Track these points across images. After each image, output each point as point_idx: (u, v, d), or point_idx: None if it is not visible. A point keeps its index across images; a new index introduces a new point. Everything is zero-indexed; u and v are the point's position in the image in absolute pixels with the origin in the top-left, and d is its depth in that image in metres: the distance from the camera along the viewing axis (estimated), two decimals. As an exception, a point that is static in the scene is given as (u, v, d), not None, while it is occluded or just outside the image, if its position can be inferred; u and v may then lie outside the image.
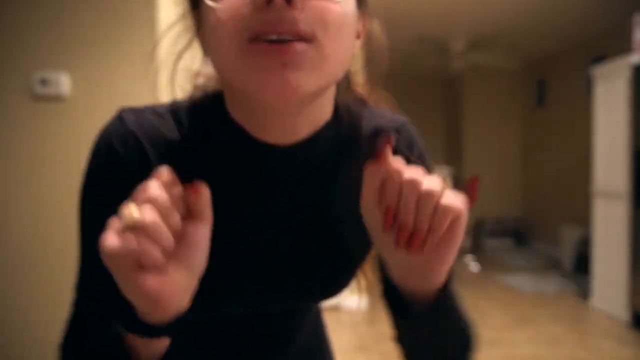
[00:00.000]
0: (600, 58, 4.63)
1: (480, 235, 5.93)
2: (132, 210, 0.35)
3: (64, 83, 1.84)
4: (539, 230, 5.82)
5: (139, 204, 0.35)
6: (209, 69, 0.54)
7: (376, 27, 0.57)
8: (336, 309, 3.39)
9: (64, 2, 1.85)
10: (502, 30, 4.58)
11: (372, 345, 2.89)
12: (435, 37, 4.77)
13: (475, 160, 6.21)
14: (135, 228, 0.34)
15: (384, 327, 3.36)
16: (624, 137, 3.18)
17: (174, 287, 0.37)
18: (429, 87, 6.92)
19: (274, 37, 0.38)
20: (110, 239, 0.35)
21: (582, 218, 4.69)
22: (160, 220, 0.35)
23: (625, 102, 3.18)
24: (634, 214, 3.10)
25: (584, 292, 3.88)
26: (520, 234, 6.03)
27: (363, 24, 0.52)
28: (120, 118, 0.51)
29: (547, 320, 3.30)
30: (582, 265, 4.41)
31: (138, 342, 0.41)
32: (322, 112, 0.49)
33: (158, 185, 0.36)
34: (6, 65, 1.84)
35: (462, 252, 5.78)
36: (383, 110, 0.58)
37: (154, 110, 0.53)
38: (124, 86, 1.88)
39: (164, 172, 0.37)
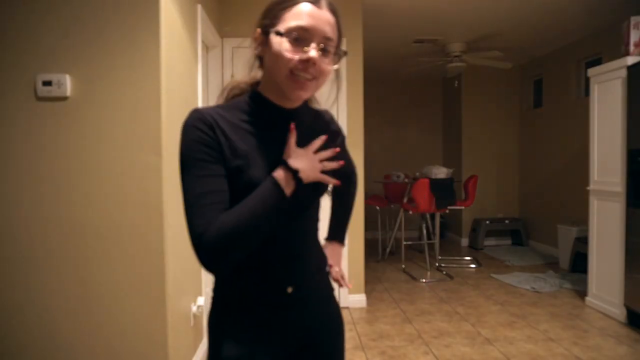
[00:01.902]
0: (596, 59, 4.68)
1: (477, 234, 5.96)
2: None
3: (66, 84, 1.86)
4: (536, 230, 5.86)
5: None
6: (240, 77, 1.03)
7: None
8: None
9: (66, 7, 1.86)
10: (499, 31, 4.61)
11: (372, 345, 2.91)
12: (433, 39, 4.80)
13: (473, 160, 6.24)
14: None
15: (384, 327, 3.42)
16: (620, 137, 3.22)
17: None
18: (427, 87, 6.94)
19: (303, 75, 0.88)
20: None
21: (579, 217, 4.72)
22: None
23: (620, 102, 3.22)
24: (628, 213, 3.13)
25: (580, 291, 3.91)
26: (517, 234, 6.06)
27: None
28: (195, 110, 0.90)
29: (544, 319, 3.33)
30: (578, 264, 4.45)
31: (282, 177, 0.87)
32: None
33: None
34: (11, 67, 1.86)
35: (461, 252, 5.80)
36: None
37: (216, 105, 0.96)
38: (124, 87, 1.90)
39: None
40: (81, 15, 1.87)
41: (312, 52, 0.85)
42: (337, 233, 1.25)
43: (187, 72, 2.41)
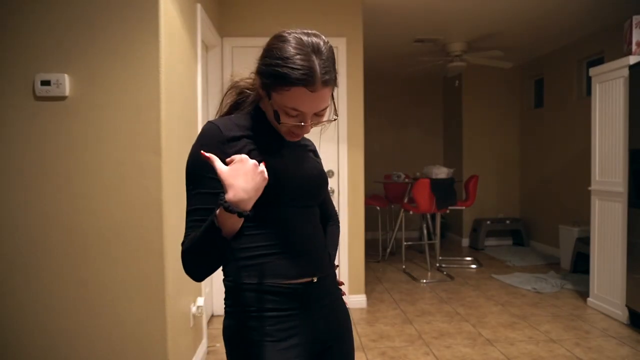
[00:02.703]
0: (597, 58, 4.66)
1: (478, 234, 5.95)
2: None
3: (65, 84, 1.85)
4: (538, 230, 5.84)
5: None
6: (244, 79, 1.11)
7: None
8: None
9: (65, 7, 1.85)
10: (499, 30, 4.59)
11: (372, 346, 2.90)
12: (434, 38, 4.79)
13: (474, 161, 6.22)
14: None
15: (384, 327, 3.40)
16: (621, 136, 3.20)
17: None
18: (427, 87, 6.93)
19: (298, 133, 1.01)
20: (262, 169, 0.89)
21: (581, 217, 4.71)
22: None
23: (622, 102, 3.20)
24: (630, 213, 3.12)
25: (582, 292, 3.90)
26: (518, 234, 6.05)
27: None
28: (209, 122, 0.99)
29: (546, 320, 3.31)
30: (580, 264, 4.43)
31: (235, 223, 0.87)
32: None
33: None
34: (9, 67, 1.86)
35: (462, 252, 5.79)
36: None
37: (228, 117, 1.04)
38: (124, 87, 1.89)
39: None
40: (80, 15, 1.86)
41: (304, 128, 0.97)
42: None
43: (187, 71, 2.39)
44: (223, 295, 1.05)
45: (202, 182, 0.94)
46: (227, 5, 3.40)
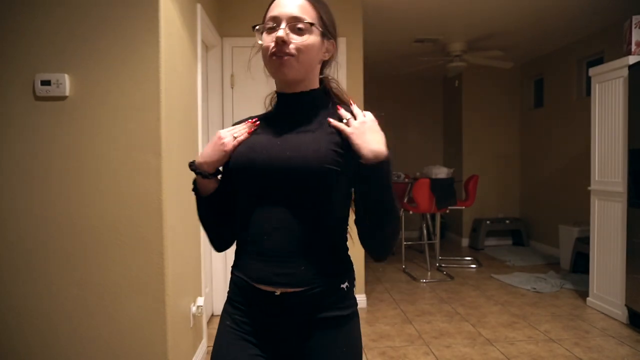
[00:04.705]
0: (597, 58, 4.66)
1: (478, 234, 5.95)
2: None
3: (65, 84, 1.85)
4: (538, 230, 5.84)
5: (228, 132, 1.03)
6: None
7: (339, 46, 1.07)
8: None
9: (65, 8, 1.85)
10: (499, 31, 4.59)
11: (372, 345, 2.90)
12: (434, 38, 4.79)
13: (473, 160, 6.22)
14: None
15: (384, 327, 3.40)
16: (621, 136, 3.21)
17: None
18: (427, 87, 6.93)
19: (279, 54, 0.95)
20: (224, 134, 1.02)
21: (580, 217, 4.71)
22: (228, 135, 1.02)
23: (622, 102, 3.20)
24: (629, 213, 3.12)
25: (582, 291, 3.90)
26: (518, 234, 6.05)
27: (333, 44, 1.04)
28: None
29: (545, 320, 3.32)
30: (580, 264, 4.43)
31: (203, 182, 1.03)
32: (309, 85, 1.03)
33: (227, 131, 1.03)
34: (9, 67, 1.86)
35: (462, 252, 5.80)
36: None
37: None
38: (124, 86, 1.89)
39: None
40: (80, 15, 1.86)
41: (280, 31, 0.93)
42: None
43: (187, 71, 2.40)
44: (223, 295, 1.06)
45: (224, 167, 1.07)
46: (227, 5, 3.40)
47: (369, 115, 0.97)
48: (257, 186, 0.96)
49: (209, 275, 3.34)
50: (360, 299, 3.67)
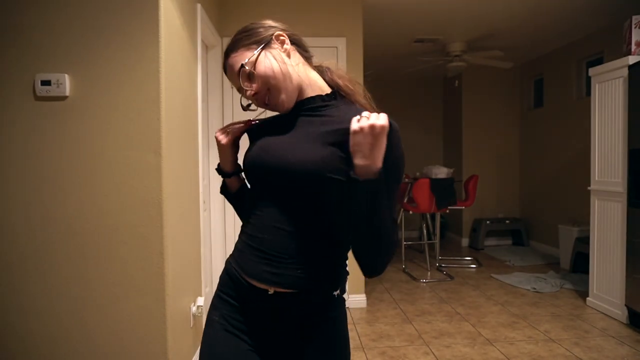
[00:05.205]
0: (597, 58, 4.66)
1: (478, 234, 5.95)
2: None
3: (65, 84, 1.85)
4: (537, 230, 5.84)
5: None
6: None
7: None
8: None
9: (65, 6, 1.86)
10: (499, 30, 4.59)
11: (372, 345, 2.90)
12: (434, 38, 4.79)
13: (473, 160, 6.22)
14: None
15: (384, 327, 3.40)
16: (621, 136, 3.21)
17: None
18: (427, 87, 6.93)
19: (265, 105, 1.00)
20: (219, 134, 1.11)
21: (580, 217, 4.71)
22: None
23: (621, 102, 3.20)
24: (629, 213, 3.12)
25: (581, 291, 3.90)
26: (518, 234, 6.05)
27: (274, 39, 1.01)
28: None
29: (545, 319, 3.32)
30: (579, 264, 4.43)
31: (227, 181, 1.15)
32: (309, 87, 1.03)
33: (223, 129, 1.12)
34: (10, 67, 1.86)
35: (461, 252, 5.79)
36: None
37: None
38: (124, 86, 1.89)
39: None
40: (80, 15, 1.86)
41: (244, 100, 1.03)
42: None
43: (187, 71, 2.40)
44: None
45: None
46: (227, 5, 3.40)
47: (382, 118, 0.88)
48: (263, 186, 0.99)
49: (209, 275, 3.34)
50: (360, 299, 3.67)
